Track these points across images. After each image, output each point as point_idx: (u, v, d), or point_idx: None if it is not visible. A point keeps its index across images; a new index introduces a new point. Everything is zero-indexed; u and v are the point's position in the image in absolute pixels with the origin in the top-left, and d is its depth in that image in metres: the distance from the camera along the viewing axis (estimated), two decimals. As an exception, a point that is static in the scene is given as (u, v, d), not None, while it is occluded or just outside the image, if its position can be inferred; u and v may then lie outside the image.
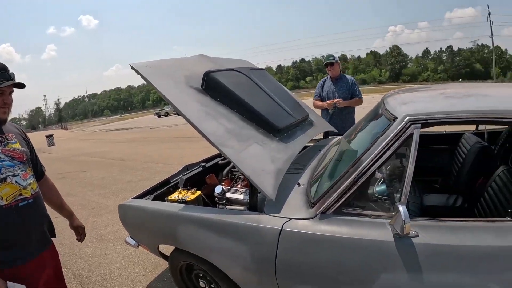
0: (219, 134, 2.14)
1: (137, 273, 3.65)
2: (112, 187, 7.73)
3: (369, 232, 1.75)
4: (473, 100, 2.19)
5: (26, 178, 1.92)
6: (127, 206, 2.83)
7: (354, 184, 1.82)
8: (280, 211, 2.02)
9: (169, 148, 12.71)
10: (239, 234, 2.08)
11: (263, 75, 3.45)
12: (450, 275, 1.63)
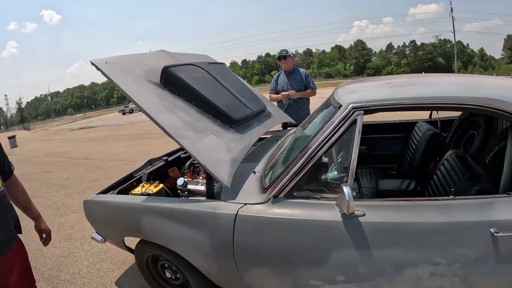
0: (176, 126, 2.21)
1: (106, 269, 3.69)
2: (78, 186, 7.64)
3: (319, 213, 1.88)
4: (416, 87, 2.33)
5: None
6: (91, 202, 2.86)
7: (303, 169, 1.94)
8: (236, 198, 2.12)
9: (134, 145, 12.62)
10: (198, 222, 2.17)
11: (222, 69, 3.54)
12: (396, 250, 1.77)
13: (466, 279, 1.75)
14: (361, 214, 1.79)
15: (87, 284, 3.46)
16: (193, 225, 2.18)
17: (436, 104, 1.97)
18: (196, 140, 2.22)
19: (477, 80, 2.45)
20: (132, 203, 2.54)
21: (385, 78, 3.03)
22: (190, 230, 2.19)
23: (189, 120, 2.36)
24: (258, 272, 2.10)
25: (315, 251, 1.91)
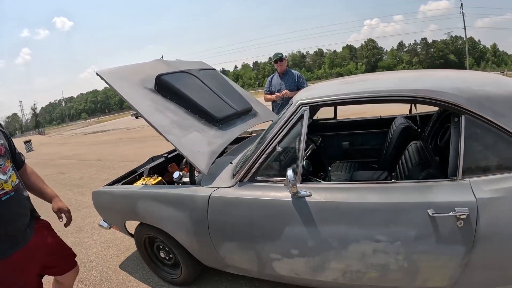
0: (164, 124, 2.60)
1: (112, 255, 4.12)
2: (90, 185, 8.07)
3: (274, 194, 2.22)
4: (361, 84, 2.54)
5: (5, 172, 1.93)
6: (98, 192, 3.29)
7: (260, 157, 2.32)
8: (212, 183, 2.52)
9: (144, 147, 13.01)
10: (181, 204, 2.58)
11: (212, 75, 3.95)
12: (340, 227, 2.02)
13: (408, 257, 1.92)
14: (307, 194, 2.09)
15: (95, 267, 3.88)
16: (177, 207, 2.58)
17: (372, 97, 2.14)
18: (181, 136, 2.61)
19: (424, 74, 2.62)
20: (130, 190, 2.96)
21: (346, 77, 3.24)
22: (175, 211, 2.59)
23: (176, 120, 2.76)
24: (228, 246, 2.46)
25: (272, 227, 2.22)
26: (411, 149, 2.73)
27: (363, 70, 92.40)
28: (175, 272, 3.11)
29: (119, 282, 3.47)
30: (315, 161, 3.33)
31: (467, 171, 1.88)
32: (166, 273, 3.20)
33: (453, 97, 1.93)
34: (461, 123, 1.90)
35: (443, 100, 1.95)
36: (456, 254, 1.84)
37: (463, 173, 1.88)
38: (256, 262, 2.39)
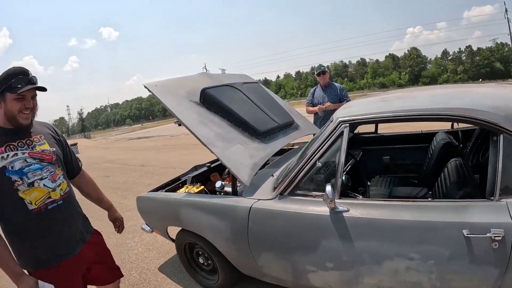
0: (209, 136, 2.73)
1: (152, 258, 4.28)
2: (133, 189, 8.35)
3: (313, 208, 2.27)
4: (399, 102, 2.59)
5: (55, 180, 1.95)
6: (143, 198, 3.46)
7: (301, 171, 2.39)
8: (253, 195, 2.60)
9: (187, 154, 13.22)
10: (223, 213, 2.68)
11: (255, 88, 4.06)
12: (374, 243, 2.03)
13: (441, 277, 1.89)
14: (345, 210, 2.12)
15: (135, 268, 4.06)
16: (218, 216, 2.69)
17: (409, 116, 2.18)
18: (224, 148, 2.73)
19: (462, 91, 2.59)
20: (174, 198, 3.10)
21: (385, 93, 3.22)
22: (216, 220, 2.70)
23: (220, 132, 2.88)
24: (266, 256, 2.53)
25: (309, 240, 2.27)
26: (451, 166, 2.68)
27: (406, 80, 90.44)
28: (213, 277, 3.20)
29: (157, 284, 3.60)
30: (355, 175, 3.34)
31: (505, 192, 1.83)
32: (203, 278, 3.30)
33: (490, 116, 1.90)
34: (499, 143, 1.87)
35: (481, 119, 1.92)
36: (489, 276, 1.81)
37: (500, 193, 1.83)
38: (292, 272, 2.44)
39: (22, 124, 1.87)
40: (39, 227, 1.87)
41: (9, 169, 1.80)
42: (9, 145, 1.85)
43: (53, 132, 2.15)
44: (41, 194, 1.87)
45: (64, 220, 1.97)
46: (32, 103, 1.88)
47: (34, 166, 1.88)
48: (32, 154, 1.90)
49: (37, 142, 1.97)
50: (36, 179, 1.87)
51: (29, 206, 1.83)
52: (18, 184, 1.81)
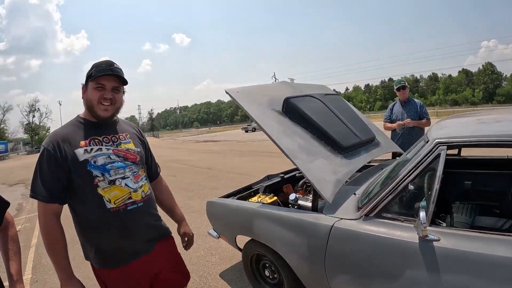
0: (292, 148, 2.64)
1: (214, 262, 4.26)
2: (198, 191, 8.47)
3: (401, 233, 2.09)
4: (499, 125, 2.38)
5: (137, 181, 1.90)
6: (214, 203, 3.43)
7: (391, 194, 2.21)
8: (335, 213, 2.46)
9: (253, 161, 13.30)
10: (301, 228, 2.55)
11: (337, 100, 3.91)
12: (465, 278, 1.84)
13: None
14: (436, 239, 1.94)
15: (196, 270, 4.04)
16: (296, 231, 2.57)
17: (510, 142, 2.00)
18: (308, 161, 2.63)
19: None
20: (248, 207, 3.04)
21: (481, 114, 3.00)
22: (293, 235, 2.58)
23: (303, 144, 2.78)
24: (341, 278, 2.37)
25: (392, 267, 2.09)
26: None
27: (480, 98, 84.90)
28: (276, 291, 3.09)
29: (217, 290, 3.54)
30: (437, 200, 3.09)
31: None
32: (266, 291, 3.20)
33: None
34: None
35: None
36: None
37: None
38: (368, 298, 2.28)
39: (100, 116, 1.84)
40: (114, 226, 1.81)
41: (91, 163, 1.77)
42: (94, 139, 1.84)
43: (138, 133, 2.14)
44: (121, 194, 1.83)
45: (141, 221, 1.91)
46: (114, 96, 1.86)
47: (117, 163, 1.85)
48: (117, 152, 1.87)
49: (122, 140, 1.95)
50: (118, 177, 1.83)
51: (107, 204, 1.78)
52: (99, 180, 1.77)
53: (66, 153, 1.75)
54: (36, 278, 4.53)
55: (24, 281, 4.50)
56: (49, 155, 1.75)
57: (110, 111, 1.86)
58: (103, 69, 1.80)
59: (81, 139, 1.81)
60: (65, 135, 1.81)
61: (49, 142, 1.78)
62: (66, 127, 1.89)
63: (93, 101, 1.81)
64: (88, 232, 1.85)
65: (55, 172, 1.74)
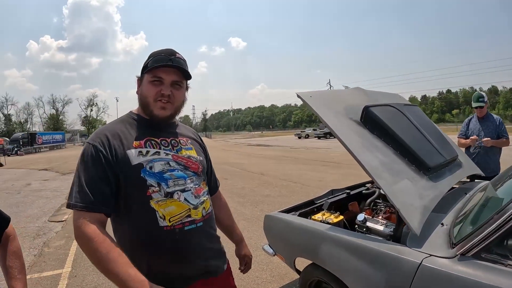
0: (374, 165, 2.27)
1: (264, 279, 3.95)
2: (251, 198, 8.22)
3: (503, 280, 1.69)
4: None
5: (198, 195, 1.58)
6: (273, 217, 3.12)
7: (497, 231, 1.79)
8: (421, 247, 2.06)
9: (307, 170, 12.94)
10: (378, 261, 2.16)
11: (416, 112, 3.49)
12: None
13: None
14: None
15: (244, 286, 3.76)
16: (372, 263, 2.19)
17: None
18: (392, 182, 2.25)
19: None
20: (315, 228, 2.68)
21: None
22: (368, 267, 2.20)
23: (386, 161, 2.40)
24: None
25: None
26: None
27: None
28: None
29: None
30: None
31: None
32: (323, 323, 2.83)
33: None
34: None
35: None
36: None
37: None
38: None
39: (156, 116, 1.55)
40: (165, 249, 1.47)
41: (146, 169, 1.45)
42: (150, 141, 1.54)
43: (198, 139, 1.85)
44: (179, 210, 1.48)
45: (199, 244, 1.56)
46: (173, 93, 1.55)
47: (177, 172, 1.53)
48: (177, 158, 1.57)
49: (183, 145, 1.65)
50: (178, 189, 1.50)
51: (160, 222, 1.44)
52: (154, 190, 1.45)
53: (116, 152, 1.44)
54: (75, 273, 4.45)
55: (62, 274, 4.47)
56: (96, 153, 1.42)
57: (168, 111, 1.56)
58: (162, 59, 1.51)
59: (134, 139, 1.51)
60: (115, 131, 1.51)
61: (96, 137, 1.47)
62: (116, 123, 1.60)
63: (148, 97, 1.53)
64: (132, 252, 1.43)
65: (103, 173, 1.41)
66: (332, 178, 9.86)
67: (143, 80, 1.56)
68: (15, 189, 12.33)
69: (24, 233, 6.55)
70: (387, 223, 2.59)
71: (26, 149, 45.81)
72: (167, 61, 1.50)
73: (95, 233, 1.32)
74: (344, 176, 9.99)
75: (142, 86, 1.56)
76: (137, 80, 1.61)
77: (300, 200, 3.60)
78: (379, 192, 3.23)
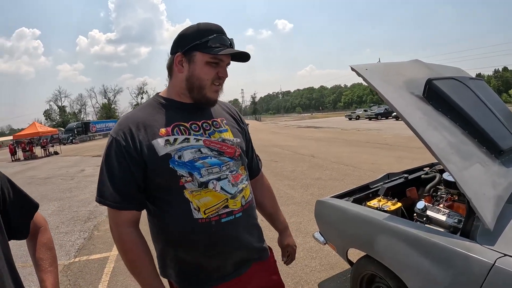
0: (441, 146, 1.96)
1: (313, 268, 3.77)
2: (301, 181, 8.01)
3: None
4: None
5: (236, 182, 1.44)
6: (325, 203, 2.90)
7: None
8: (495, 244, 1.77)
9: (359, 152, 12.50)
10: (444, 258, 1.89)
11: (482, 86, 3.09)
12: None
13: None
14: None
15: (291, 275, 3.59)
16: (436, 260, 1.92)
17: None
18: (462, 167, 1.94)
19: None
20: (372, 217, 2.43)
21: None
22: (430, 264, 1.93)
23: (454, 142, 2.09)
24: None
25: None
26: None
27: None
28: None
29: (315, 304, 3.14)
30: None
31: None
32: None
33: None
34: None
35: None
36: None
37: None
38: None
39: (209, 99, 1.42)
40: (200, 242, 1.36)
41: (175, 158, 1.32)
42: (178, 126, 1.39)
43: (237, 117, 1.66)
44: (215, 201, 1.35)
45: (237, 237, 1.42)
46: None
47: (210, 160, 1.38)
48: (209, 143, 1.41)
49: (216, 128, 1.48)
50: (212, 178, 1.36)
51: (194, 214, 1.32)
52: (186, 180, 1.32)
53: (141, 145, 1.32)
54: None
55: (109, 257, 4.54)
56: (119, 147, 1.32)
57: (220, 93, 1.46)
58: (223, 39, 1.37)
59: (161, 126, 1.37)
60: (139, 120, 1.38)
61: (119, 130, 1.35)
62: (141, 109, 1.46)
63: (206, 80, 1.38)
64: (167, 245, 1.41)
65: (128, 169, 1.31)
66: (385, 161, 9.39)
67: (194, 58, 1.37)
68: (69, 175, 12.92)
69: (75, 217, 6.78)
70: (449, 212, 2.31)
71: (80, 137, 48.66)
72: (228, 44, 1.38)
73: (125, 238, 1.33)
74: (398, 159, 9.52)
75: (195, 66, 1.37)
76: (178, 56, 1.40)
77: (352, 183, 3.35)
78: (440, 177, 2.94)
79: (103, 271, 4.18)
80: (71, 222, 6.60)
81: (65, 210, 7.54)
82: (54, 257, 1.39)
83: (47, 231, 1.43)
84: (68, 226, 6.34)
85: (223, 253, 1.40)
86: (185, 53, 1.37)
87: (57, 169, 15.91)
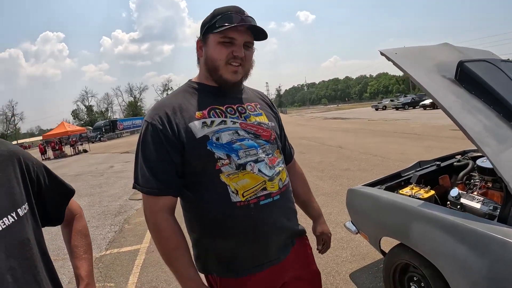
0: (477, 130, 1.91)
1: (344, 259, 3.74)
2: (329, 172, 7.97)
3: None
4: None
5: (273, 165, 1.42)
6: (357, 192, 2.88)
7: None
8: None
9: (387, 142, 12.28)
10: (482, 246, 1.84)
11: None
12: None
13: None
14: None
15: (322, 265, 3.55)
16: (473, 247, 1.87)
17: None
18: (498, 150, 1.88)
19: None
20: (406, 204, 2.38)
21: None
22: (467, 252, 1.88)
23: (489, 126, 2.03)
24: None
25: None
26: None
27: None
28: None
29: (348, 294, 3.11)
30: None
31: None
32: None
33: None
34: None
35: None
36: None
37: None
38: None
39: (227, 81, 1.38)
40: (240, 226, 1.33)
41: (212, 140, 1.31)
42: (214, 109, 1.38)
43: (269, 103, 1.66)
44: (253, 183, 1.32)
45: (276, 221, 1.39)
46: (245, 54, 1.37)
47: (247, 142, 1.37)
48: (246, 126, 1.40)
49: (251, 111, 1.47)
50: (250, 160, 1.34)
51: (232, 197, 1.30)
52: (223, 163, 1.30)
53: (178, 128, 1.31)
54: (153, 248, 4.58)
55: (140, 249, 4.64)
56: (156, 132, 1.30)
57: (239, 75, 1.40)
58: (233, 17, 1.33)
59: (196, 109, 1.36)
60: (174, 104, 1.37)
61: (154, 114, 1.34)
62: (175, 95, 1.45)
63: (219, 60, 1.35)
64: (203, 232, 1.39)
65: (166, 154, 1.30)
66: (415, 151, 9.18)
67: (208, 41, 1.37)
68: (99, 172, 13.22)
69: (106, 211, 6.95)
70: (484, 200, 2.26)
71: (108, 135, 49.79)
72: (239, 20, 1.32)
73: (162, 225, 1.30)
74: (427, 149, 9.31)
75: (208, 48, 1.38)
76: (198, 42, 1.43)
77: (382, 173, 3.30)
78: (473, 164, 2.88)
79: (134, 263, 4.27)
80: (101, 216, 6.77)
81: (96, 205, 7.74)
82: (89, 244, 1.40)
83: (82, 218, 1.44)
84: (99, 220, 6.51)
85: (263, 237, 1.38)
86: (203, 38, 1.39)
87: (86, 166, 16.33)
